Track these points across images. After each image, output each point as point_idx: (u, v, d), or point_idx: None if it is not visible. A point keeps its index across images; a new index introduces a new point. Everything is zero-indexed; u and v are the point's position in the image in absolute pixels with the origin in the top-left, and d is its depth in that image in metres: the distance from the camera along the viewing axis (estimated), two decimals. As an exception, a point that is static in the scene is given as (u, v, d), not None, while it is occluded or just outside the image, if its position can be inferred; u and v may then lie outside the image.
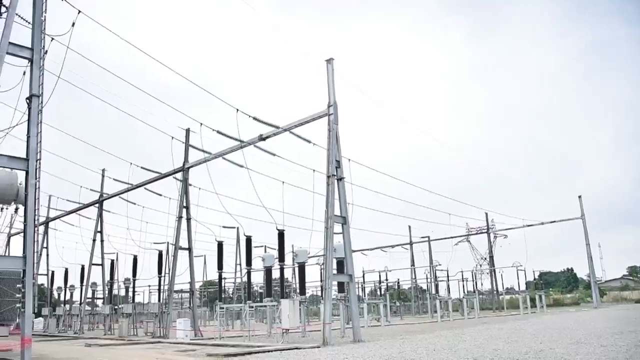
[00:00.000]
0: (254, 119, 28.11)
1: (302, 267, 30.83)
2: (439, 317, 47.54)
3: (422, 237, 76.41)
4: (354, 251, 28.02)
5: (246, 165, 29.96)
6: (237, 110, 27.79)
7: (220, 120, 31.79)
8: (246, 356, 18.59)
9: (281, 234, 31.26)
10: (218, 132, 30.71)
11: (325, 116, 25.43)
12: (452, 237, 72.95)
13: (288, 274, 58.99)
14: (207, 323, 55.33)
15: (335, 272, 26.37)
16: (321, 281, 54.31)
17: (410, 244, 79.32)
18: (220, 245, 37.04)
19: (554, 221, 64.94)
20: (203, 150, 33.25)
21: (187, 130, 35.55)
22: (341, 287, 29.89)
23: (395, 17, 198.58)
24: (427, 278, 72.33)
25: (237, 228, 54.68)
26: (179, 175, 35.73)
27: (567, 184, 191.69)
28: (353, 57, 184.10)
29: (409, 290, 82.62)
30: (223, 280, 40.30)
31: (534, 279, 68.43)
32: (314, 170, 28.82)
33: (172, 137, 34.13)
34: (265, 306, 30.73)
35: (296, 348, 20.73)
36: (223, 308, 34.79)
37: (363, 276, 73.98)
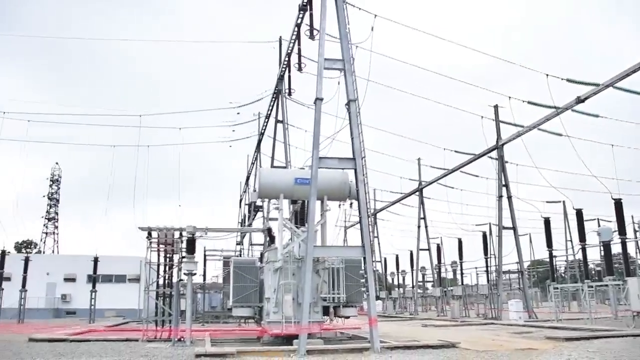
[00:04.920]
0: (568, 80, 25.62)
1: (648, 240, 26.87)
2: None
3: None
4: None
5: (566, 133, 27.47)
6: (547, 75, 25.73)
7: (530, 90, 30.00)
8: (592, 340, 17.05)
9: (618, 204, 27.75)
10: (529, 102, 28.98)
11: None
12: None
13: (630, 248, 52.28)
14: (539, 304, 52.99)
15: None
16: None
17: None
18: (547, 222, 34.87)
19: None
20: (515, 125, 31.78)
21: (496, 107, 34.43)
22: None
23: None
24: None
25: (563, 202, 50.84)
26: (493, 154, 34.91)
27: None
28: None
29: None
30: (553, 258, 37.78)
31: None
32: (650, 127, 24.89)
33: (482, 117, 33.52)
34: (606, 286, 27.72)
35: (655, 334, 18.12)
36: (557, 288, 32.69)
37: None
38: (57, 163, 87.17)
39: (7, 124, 31.32)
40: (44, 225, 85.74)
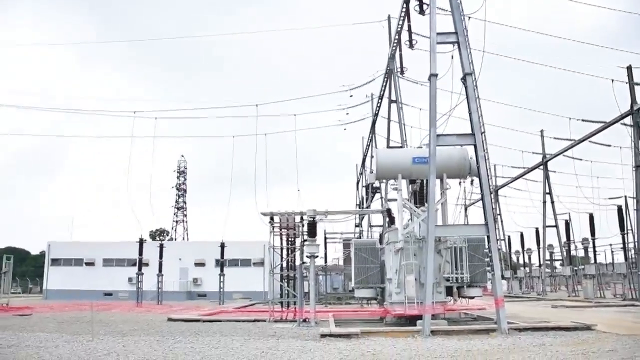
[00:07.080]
0: None
1: None
2: None
3: None
4: None
5: None
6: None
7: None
8: None
9: None
10: (669, 60, 26.21)
11: None
12: None
13: None
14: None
15: None
16: None
17: None
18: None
19: None
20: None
21: (629, 68, 31.45)
22: None
23: None
24: None
25: None
26: (627, 120, 32.03)
27: None
28: None
29: None
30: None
31: None
32: None
33: (612, 80, 30.84)
34: None
35: None
36: None
37: None
38: (182, 156, 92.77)
39: (137, 122, 33.76)
40: (174, 214, 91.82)
